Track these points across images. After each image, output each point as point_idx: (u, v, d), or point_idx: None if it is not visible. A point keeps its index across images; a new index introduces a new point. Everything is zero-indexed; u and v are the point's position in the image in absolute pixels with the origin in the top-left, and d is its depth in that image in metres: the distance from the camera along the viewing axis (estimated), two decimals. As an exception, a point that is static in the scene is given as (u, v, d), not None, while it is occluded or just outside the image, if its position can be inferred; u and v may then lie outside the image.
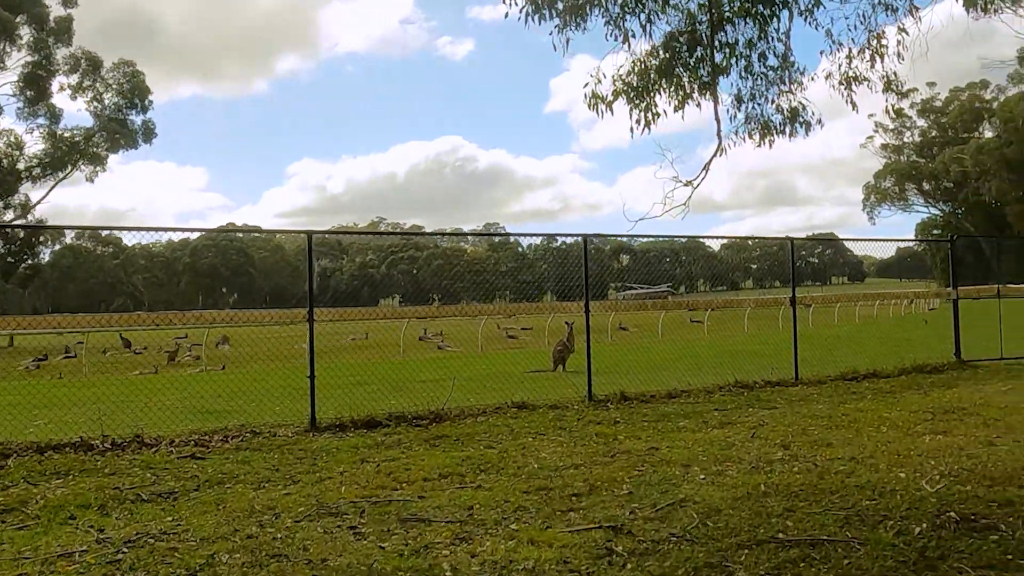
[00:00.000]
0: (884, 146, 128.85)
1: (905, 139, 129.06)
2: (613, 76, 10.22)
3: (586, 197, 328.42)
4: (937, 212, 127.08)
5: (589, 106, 10.16)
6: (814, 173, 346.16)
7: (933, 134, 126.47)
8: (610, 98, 10.21)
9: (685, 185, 10.78)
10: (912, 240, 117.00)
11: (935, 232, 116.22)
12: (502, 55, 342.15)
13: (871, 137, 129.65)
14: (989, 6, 12.95)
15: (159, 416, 13.11)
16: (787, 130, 13.08)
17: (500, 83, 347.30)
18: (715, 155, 10.92)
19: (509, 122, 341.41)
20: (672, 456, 9.14)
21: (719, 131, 10.89)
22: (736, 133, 12.84)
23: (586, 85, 10.22)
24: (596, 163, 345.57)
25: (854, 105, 13.07)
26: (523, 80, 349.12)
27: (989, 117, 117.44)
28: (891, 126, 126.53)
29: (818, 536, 6.00)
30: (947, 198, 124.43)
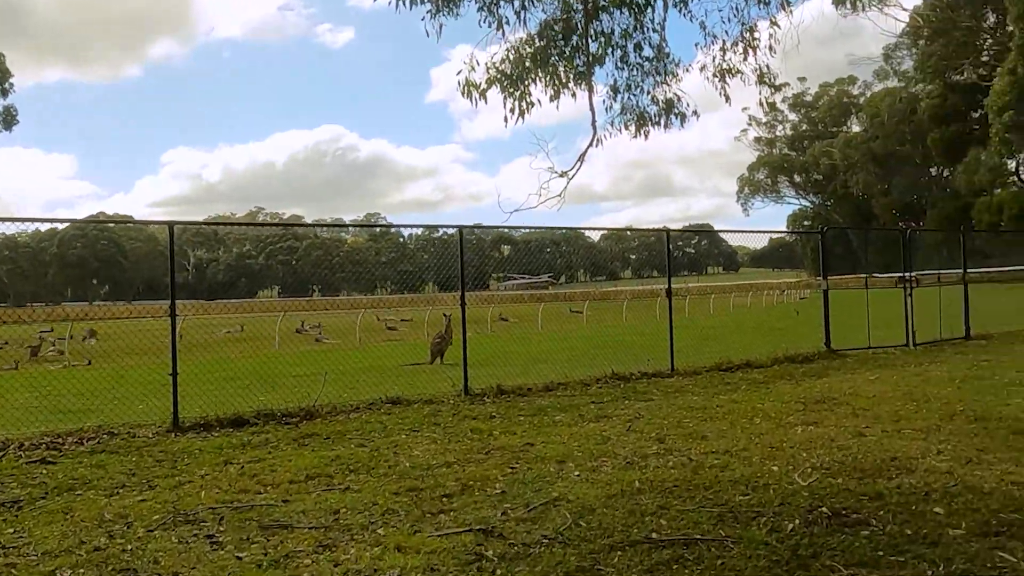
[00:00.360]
0: (757, 139, 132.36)
1: (777, 132, 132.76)
2: (487, 64, 9.99)
3: (468, 187, 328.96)
4: (808, 204, 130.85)
5: (463, 94, 9.92)
6: (691, 165, 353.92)
7: (804, 128, 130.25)
8: (484, 86, 9.97)
9: (560, 176, 10.63)
10: (785, 231, 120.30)
11: (805, 223, 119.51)
12: (383, 44, 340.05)
13: (745, 130, 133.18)
14: (857, 3, 13.10)
15: (11, 416, 12.39)
16: (662, 121, 13.05)
17: (381, 72, 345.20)
18: (590, 145, 10.79)
19: (390, 111, 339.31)
20: (547, 452, 8.97)
21: (594, 121, 10.76)
22: (612, 124, 12.75)
23: (459, 72, 9.97)
24: (478, 153, 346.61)
25: (728, 98, 13.10)
26: (404, 69, 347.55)
27: (856, 112, 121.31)
28: (764, 120, 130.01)
29: (691, 535, 5.88)
30: (817, 190, 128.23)
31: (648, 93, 12.94)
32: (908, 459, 7.99)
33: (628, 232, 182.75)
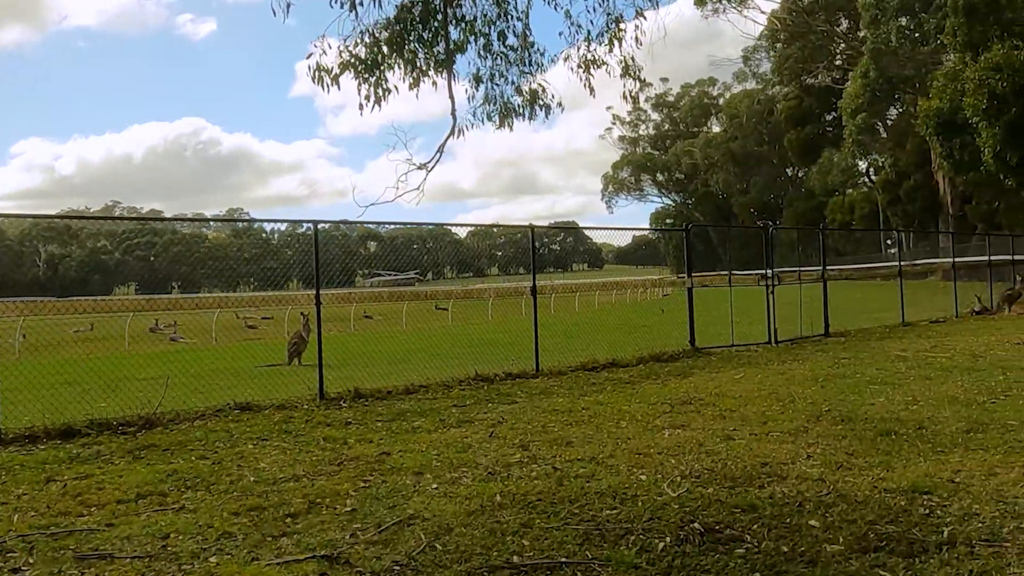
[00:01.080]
0: (621, 138, 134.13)
1: (641, 132, 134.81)
2: (340, 47, 9.36)
3: (334, 183, 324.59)
4: (670, 202, 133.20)
5: (314, 79, 9.26)
6: (557, 164, 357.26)
7: (666, 128, 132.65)
8: (336, 71, 9.34)
9: (419, 168, 10.09)
10: (651, 229, 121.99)
11: (668, 221, 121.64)
12: (246, 36, 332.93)
13: (609, 129, 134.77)
14: (718, 5, 12.92)
15: None
16: (527, 113, 12.64)
17: (244, 65, 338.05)
18: (450, 135, 10.28)
19: (254, 105, 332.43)
20: (404, 462, 8.40)
21: (454, 110, 10.27)
22: (475, 115, 12.28)
23: (310, 56, 9.30)
24: (344, 148, 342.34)
25: (592, 90, 12.79)
26: (268, 62, 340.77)
27: (716, 113, 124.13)
28: (628, 119, 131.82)
29: (556, 558, 5.40)
30: (679, 189, 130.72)
31: (512, 84, 12.51)
32: (779, 465, 7.71)
33: (495, 229, 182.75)
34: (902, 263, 26.34)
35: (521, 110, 12.54)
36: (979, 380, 12.61)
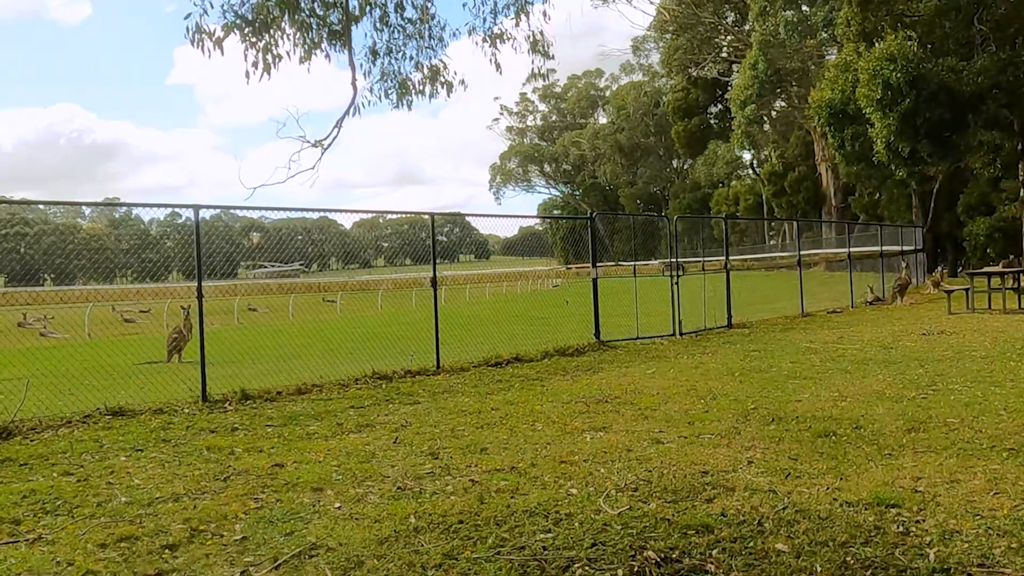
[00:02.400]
0: (509, 128, 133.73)
1: (528, 123, 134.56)
2: (224, 6, 8.28)
3: (215, 173, 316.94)
4: (557, 193, 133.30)
5: (193, 42, 8.16)
6: (443, 154, 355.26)
7: (554, 119, 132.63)
8: (220, 34, 8.26)
9: (314, 146, 9.08)
10: (554, 216, 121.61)
11: (555, 212, 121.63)
12: (123, 21, 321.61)
13: (497, 119, 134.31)
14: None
15: None
16: (427, 90, 11.72)
17: (121, 51, 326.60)
18: (349, 109, 9.30)
19: (131, 92, 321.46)
20: (300, 475, 7.43)
21: (354, 79, 9.27)
22: (371, 91, 11.31)
23: (187, 17, 8.18)
24: (226, 138, 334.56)
25: (498, 66, 11.97)
26: (146, 49, 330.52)
27: (603, 104, 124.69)
28: (515, 109, 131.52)
29: (492, 600, 4.55)
30: (566, 180, 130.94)
31: (411, 59, 11.59)
32: (720, 473, 6.99)
33: (381, 220, 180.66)
34: (800, 253, 26.17)
35: (421, 87, 11.64)
36: (899, 373, 12.19)
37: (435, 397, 11.76)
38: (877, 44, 27.41)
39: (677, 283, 19.08)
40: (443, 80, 11.73)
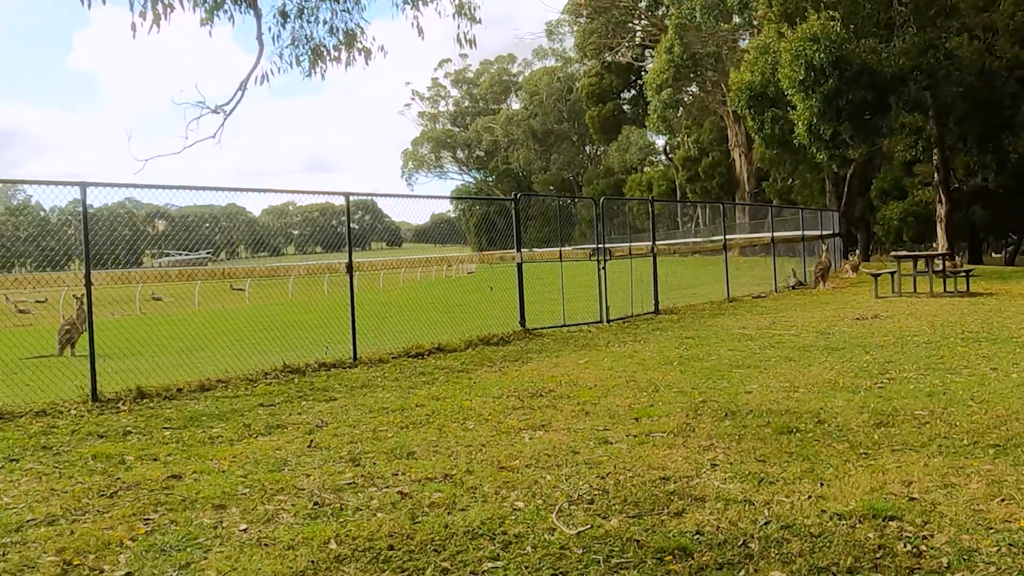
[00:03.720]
0: (421, 114, 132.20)
1: (440, 108, 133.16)
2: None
3: (117, 161, 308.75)
4: (470, 179, 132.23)
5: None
6: (355, 140, 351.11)
7: (466, 104, 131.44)
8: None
9: (215, 112, 8.00)
10: (476, 198, 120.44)
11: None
12: (17, 3, 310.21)
13: (408, 105, 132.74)
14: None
15: None
16: (343, 57, 10.70)
17: (18, 35, 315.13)
18: (254, 70, 8.24)
19: (29, 77, 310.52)
20: (201, 489, 6.41)
21: (260, 33, 8.21)
22: (281, 57, 10.23)
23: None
24: (133, 125, 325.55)
25: (420, 30, 10.98)
26: (44, 32, 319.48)
27: (516, 90, 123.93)
28: (427, 94, 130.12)
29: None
30: (479, 166, 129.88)
31: (325, 23, 10.55)
32: (683, 479, 6.17)
33: (291, 207, 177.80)
34: (727, 237, 25.63)
35: (336, 54, 10.62)
36: (845, 361, 11.57)
37: (353, 393, 10.74)
38: (800, 24, 27.01)
39: (604, 268, 18.28)
40: (360, 46, 10.76)
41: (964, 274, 22.27)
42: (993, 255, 58.42)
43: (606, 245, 18.84)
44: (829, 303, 21.01)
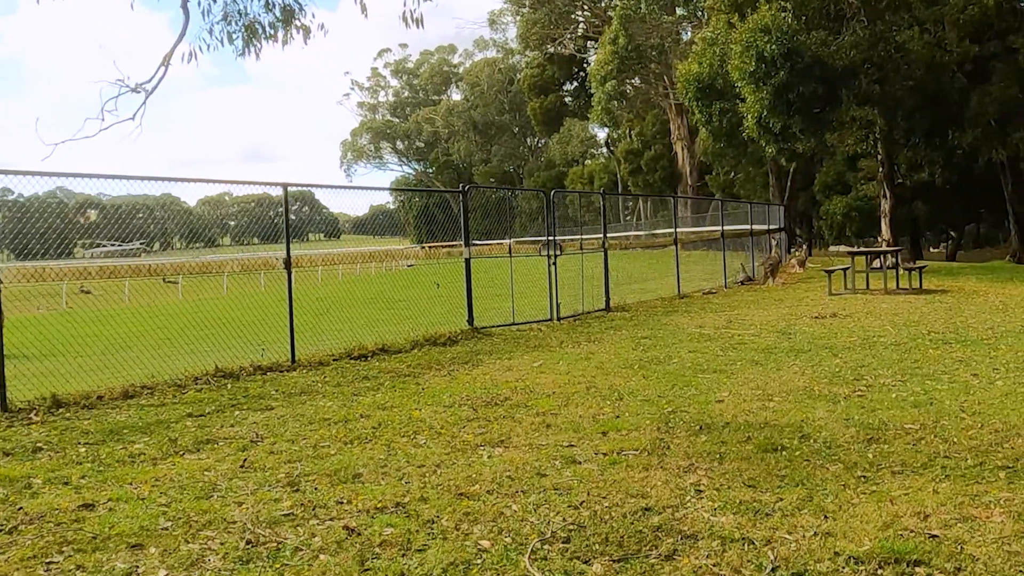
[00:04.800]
0: (360, 104, 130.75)
1: (380, 98, 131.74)
2: None
3: (39, 152, 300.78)
4: (410, 171, 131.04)
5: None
6: (293, 130, 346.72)
7: (406, 95, 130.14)
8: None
9: (135, 91, 7.12)
10: (422, 189, 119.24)
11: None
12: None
13: (347, 95, 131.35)
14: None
15: None
16: (280, 35, 9.83)
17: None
18: (179, 42, 7.36)
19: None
20: (116, 521, 5.57)
21: (184, 2, 7.33)
22: (211, 33, 9.33)
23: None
24: (58, 116, 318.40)
25: (364, 8, 10.18)
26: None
27: (457, 81, 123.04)
28: (367, 84, 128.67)
29: None
30: (419, 157, 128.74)
31: (260, -2, 9.74)
32: (667, 510, 5.46)
33: (226, 197, 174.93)
34: (677, 231, 25.05)
35: (272, 31, 9.76)
36: (814, 365, 10.98)
37: (291, 400, 9.89)
38: (750, 15, 26.53)
39: (555, 263, 17.55)
40: (299, 24, 9.90)
41: (918, 271, 21.92)
42: (931, 250, 58.87)
43: (556, 239, 18.09)
44: (783, 300, 20.52)
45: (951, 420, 7.61)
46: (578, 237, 22.26)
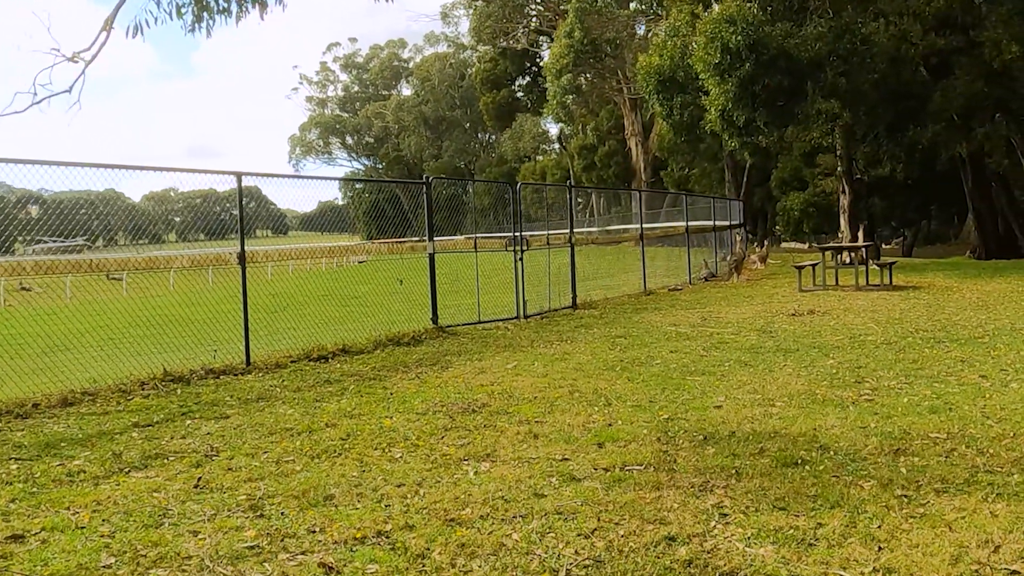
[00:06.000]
0: (309, 99, 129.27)
1: (329, 93, 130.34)
2: None
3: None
4: (360, 166, 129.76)
5: None
6: (240, 125, 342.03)
7: (356, 90, 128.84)
8: None
9: (72, 60, 6.25)
10: (389, 180, 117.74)
11: (358, 186, 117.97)
12: None
13: (296, 89, 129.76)
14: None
15: None
16: (233, 8, 8.99)
17: None
18: (122, 2, 6.51)
19: None
20: (49, 558, 4.76)
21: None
22: (159, 5, 8.46)
23: None
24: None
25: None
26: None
27: (407, 76, 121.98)
28: (316, 79, 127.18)
29: None
30: (369, 152, 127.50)
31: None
32: (693, 539, 4.75)
33: (172, 193, 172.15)
34: (643, 226, 24.43)
35: (224, 4, 8.91)
36: (807, 366, 10.34)
37: (248, 408, 9.03)
38: (715, 6, 25.98)
39: (521, 259, 16.79)
40: (255, -3, 9.06)
41: (888, 267, 21.45)
42: (884, 246, 58.93)
43: (523, 234, 17.33)
44: (752, 297, 19.94)
45: (977, 428, 6.97)
46: (544, 232, 21.47)
